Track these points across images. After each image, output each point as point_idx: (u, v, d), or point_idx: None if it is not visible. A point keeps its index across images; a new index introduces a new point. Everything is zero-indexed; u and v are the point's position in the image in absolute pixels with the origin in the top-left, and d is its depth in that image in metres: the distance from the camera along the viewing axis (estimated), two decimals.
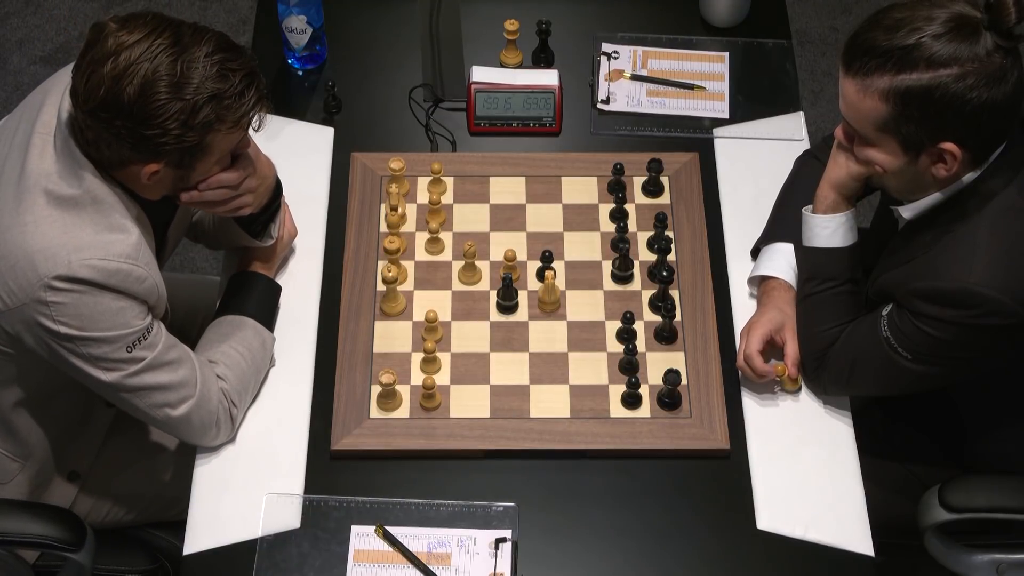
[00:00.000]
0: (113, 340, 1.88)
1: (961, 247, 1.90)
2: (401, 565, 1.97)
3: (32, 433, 2.09)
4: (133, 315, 1.89)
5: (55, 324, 1.84)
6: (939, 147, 1.87)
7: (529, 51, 2.58)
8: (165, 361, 1.94)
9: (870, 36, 1.88)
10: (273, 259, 2.22)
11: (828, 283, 2.09)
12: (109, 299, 1.86)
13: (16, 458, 2.10)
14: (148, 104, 1.78)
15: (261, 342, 2.11)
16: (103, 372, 1.90)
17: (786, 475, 2.07)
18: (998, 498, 2.08)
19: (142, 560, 2.27)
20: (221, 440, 2.06)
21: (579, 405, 2.13)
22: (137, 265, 1.87)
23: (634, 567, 1.99)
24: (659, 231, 2.28)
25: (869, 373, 2.04)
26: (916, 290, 1.92)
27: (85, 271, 1.83)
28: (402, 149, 2.45)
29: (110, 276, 1.85)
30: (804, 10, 3.93)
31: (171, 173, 1.89)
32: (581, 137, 2.49)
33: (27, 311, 1.85)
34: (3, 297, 1.86)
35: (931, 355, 1.95)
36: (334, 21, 2.63)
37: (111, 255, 1.85)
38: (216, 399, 2.01)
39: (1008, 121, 1.88)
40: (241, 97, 1.84)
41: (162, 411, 1.97)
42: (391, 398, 2.11)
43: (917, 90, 1.84)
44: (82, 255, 1.83)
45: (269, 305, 2.18)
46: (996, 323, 1.87)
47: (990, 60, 1.81)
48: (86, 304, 1.84)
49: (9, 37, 3.88)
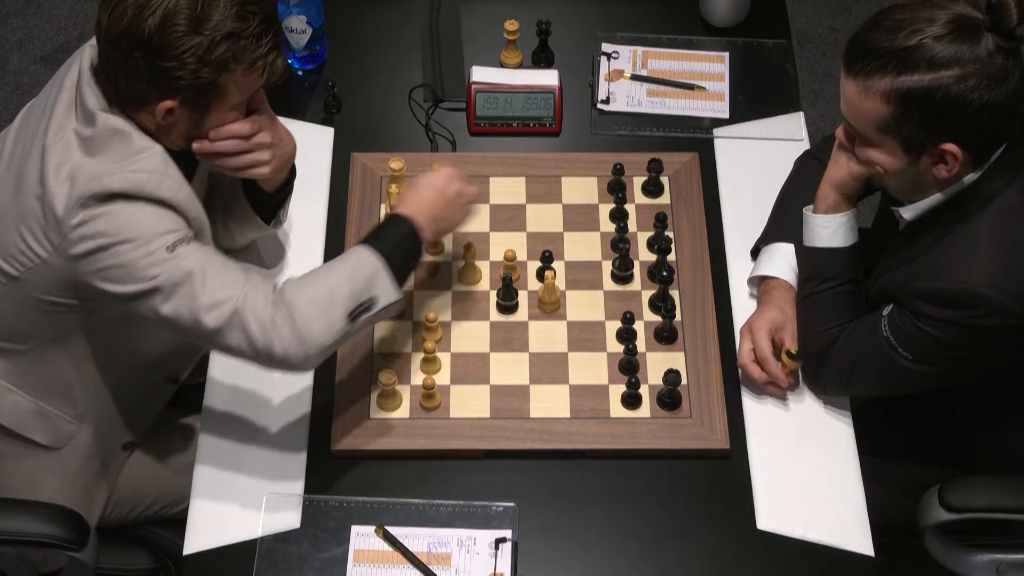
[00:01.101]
0: (152, 239, 1.86)
1: (962, 247, 1.90)
2: (401, 565, 1.97)
3: (88, 394, 2.10)
4: (173, 221, 1.89)
5: (94, 242, 1.85)
6: (940, 148, 1.87)
7: (529, 51, 2.58)
8: (212, 268, 1.89)
9: (871, 37, 1.88)
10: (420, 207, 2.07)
11: (828, 283, 2.09)
12: (147, 208, 1.87)
13: (72, 420, 2.11)
14: (167, 36, 1.82)
15: (355, 261, 1.95)
16: (146, 280, 1.85)
17: (786, 475, 2.07)
18: (998, 498, 2.08)
19: (145, 559, 2.27)
20: (293, 353, 1.88)
21: (579, 405, 2.13)
22: (167, 175, 1.89)
23: (634, 567, 2.00)
24: (659, 231, 2.28)
25: (869, 373, 2.04)
26: (916, 290, 1.92)
27: (117, 183, 1.84)
28: (402, 149, 2.45)
29: (143, 186, 1.86)
30: (804, 10, 3.93)
31: (186, 115, 1.90)
32: (581, 137, 2.49)
33: (68, 245, 1.86)
34: (46, 236, 1.88)
35: (931, 355, 1.95)
36: (334, 21, 2.63)
37: (140, 169, 1.87)
38: (262, 305, 1.89)
39: (1009, 122, 1.88)
40: (258, 40, 1.87)
41: (212, 317, 1.87)
42: (391, 398, 2.11)
43: (918, 91, 1.84)
44: (111, 173, 1.85)
45: (389, 234, 2.02)
46: (996, 323, 1.88)
47: (991, 61, 1.81)
48: (123, 215, 1.85)
49: (9, 37, 3.88)
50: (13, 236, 1.92)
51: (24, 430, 2.09)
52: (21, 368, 2.04)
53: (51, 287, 1.93)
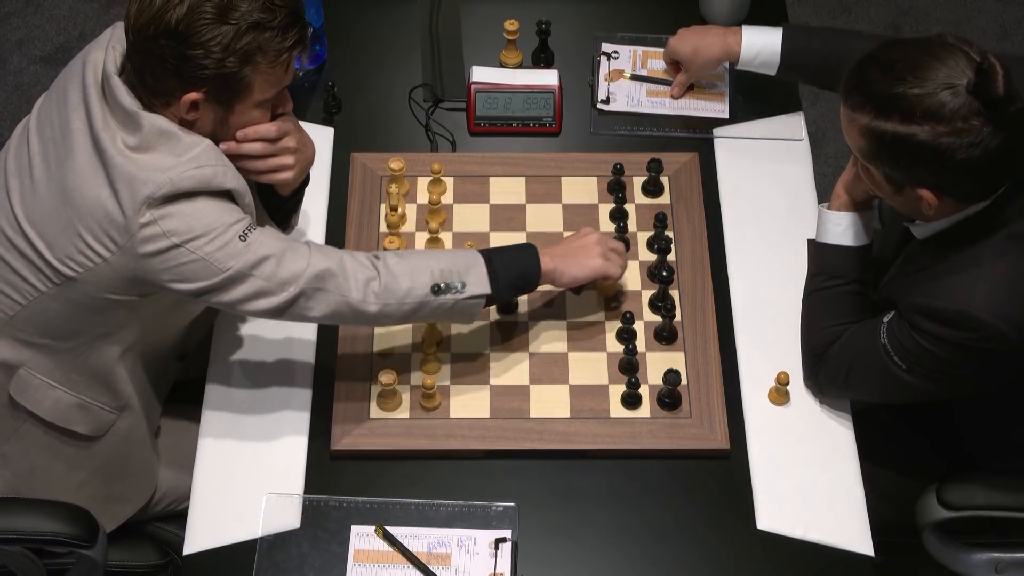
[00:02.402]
0: (225, 231, 1.89)
1: (967, 270, 1.90)
2: (401, 565, 1.97)
3: (129, 385, 2.12)
4: (237, 211, 1.93)
5: (167, 240, 1.87)
6: (916, 191, 1.88)
7: (529, 51, 2.58)
8: (281, 246, 1.94)
9: (866, 70, 1.88)
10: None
11: (835, 280, 2.10)
12: (212, 202, 1.90)
13: (112, 410, 2.12)
14: (193, 24, 1.83)
15: (462, 252, 2.06)
16: (222, 272, 1.89)
17: (786, 475, 2.07)
18: (996, 496, 2.09)
19: (152, 555, 2.28)
20: (373, 304, 1.98)
21: (579, 405, 2.13)
22: (228, 167, 1.92)
23: (634, 567, 2.00)
24: (659, 231, 2.28)
25: (865, 378, 2.04)
26: (917, 305, 1.93)
27: (187, 181, 1.86)
28: (402, 149, 2.45)
29: (211, 179, 1.89)
30: (804, 10, 3.93)
31: (211, 110, 1.91)
32: (581, 137, 2.49)
33: (136, 244, 1.88)
34: (109, 237, 1.89)
35: (925, 368, 1.95)
36: (334, 21, 2.63)
37: (204, 163, 1.88)
38: (354, 262, 1.98)
39: (987, 179, 1.86)
40: (284, 32, 1.88)
41: (289, 291, 1.94)
42: (391, 398, 2.11)
43: (890, 138, 1.85)
44: (177, 170, 1.87)
45: (507, 249, 2.10)
46: (992, 348, 1.88)
47: (967, 125, 1.79)
48: (193, 211, 1.88)
49: (9, 37, 3.88)
50: (70, 236, 1.91)
51: (66, 423, 2.10)
52: (65, 365, 2.05)
53: (111, 286, 1.94)
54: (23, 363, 2.04)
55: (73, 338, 2.02)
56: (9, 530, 2.01)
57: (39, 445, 2.12)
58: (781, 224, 2.33)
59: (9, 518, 2.03)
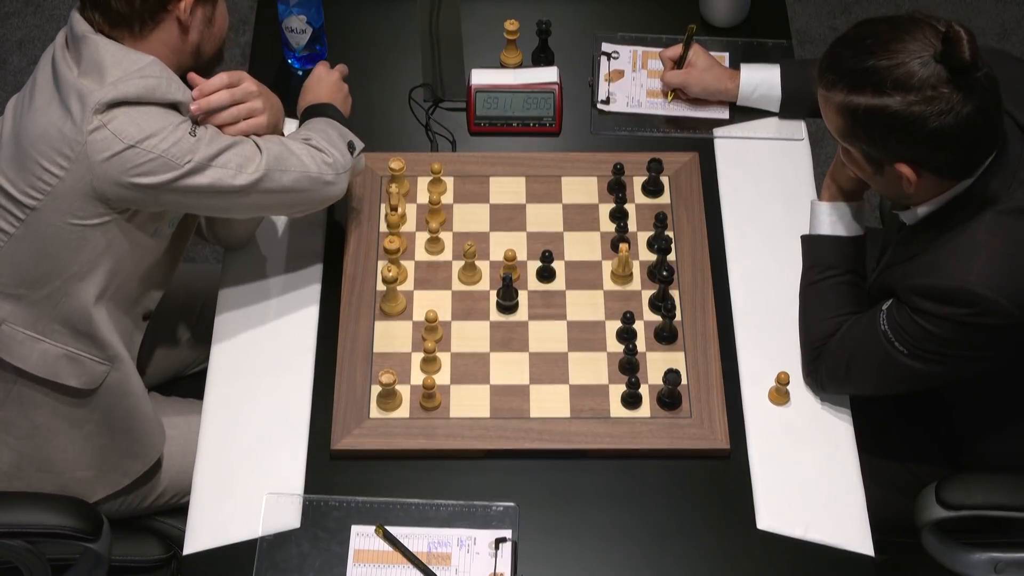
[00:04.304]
0: (174, 130, 1.98)
1: (962, 246, 1.91)
2: (401, 565, 1.98)
3: (114, 334, 2.13)
4: (181, 117, 2.01)
5: (119, 143, 1.95)
6: (895, 167, 1.89)
7: (529, 51, 2.58)
8: (233, 140, 2.04)
9: (838, 51, 1.92)
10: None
11: (829, 272, 2.11)
12: (157, 109, 1.98)
13: (102, 361, 2.13)
14: None
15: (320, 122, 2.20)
16: (182, 165, 1.97)
17: (786, 475, 2.07)
18: (995, 495, 2.09)
19: (156, 549, 2.29)
20: (331, 171, 2.12)
21: (579, 405, 2.13)
22: (172, 79, 2.01)
23: (634, 567, 2.00)
24: (659, 231, 2.28)
25: (866, 369, 2.04)
26: (915, 286, 1.93)
27: (132, 88, 1.95)
28: (402, 149, 2.45)
29: (154, 90, 1.97)
30: (804, 10, 3.93)
31: (200, 10, 2.04)
32: (581, 137, 2.49)
33: (90, 152, 1.94)
34: (61, 154, 1.96)
35: (927, 351, 1.96)
36: (334, 21, 2.63)
37: (149, 75, 1.98)
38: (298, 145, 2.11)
39: (963, 150, 1.88)
40: None
41: (250, 171, 2.03)
42: (391, 398, 2.11)
43: (863, 112, 1.87)
44: (123, 80, 1.95)
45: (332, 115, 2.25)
46: (992, 323, 1.89)
47: (937, 93, 1.82)
48: (138, 114, 1.96)
49: (9, 37, 3.88)
50: (29, 167, 1.97)
51: (56, 376, 2.11)
52: (45, 315, 2.07)
53: (72, 208, 1.99)
54: (4, 318, 2.07)
55: (47, 282, 2.04)
56: (12, 524, 2.02)
57: (34, 403, 2.13)
58: (781, 224, 2.33)
59: (12, 512, 2.03)
